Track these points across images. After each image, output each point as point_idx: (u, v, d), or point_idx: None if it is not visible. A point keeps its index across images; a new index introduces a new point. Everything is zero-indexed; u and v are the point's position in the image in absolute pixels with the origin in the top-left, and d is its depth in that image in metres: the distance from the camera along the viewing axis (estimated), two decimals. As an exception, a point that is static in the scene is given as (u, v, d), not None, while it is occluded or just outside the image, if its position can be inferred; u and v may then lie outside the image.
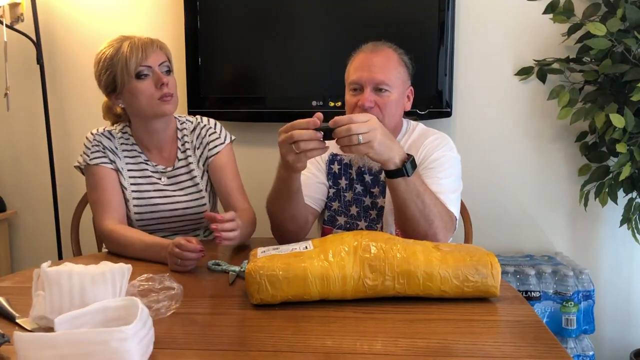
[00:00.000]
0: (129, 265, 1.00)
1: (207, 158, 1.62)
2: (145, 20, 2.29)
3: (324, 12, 2.13)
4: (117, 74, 1.49)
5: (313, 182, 1.54)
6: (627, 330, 2.23)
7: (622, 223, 1.97)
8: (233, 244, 1.35)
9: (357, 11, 2.11)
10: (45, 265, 0.94)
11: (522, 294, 1.90)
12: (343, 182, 1.57)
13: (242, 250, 1.46)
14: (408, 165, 1.24)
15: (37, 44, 2.21)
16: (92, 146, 1.56)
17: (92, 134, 1.59)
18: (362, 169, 1.55)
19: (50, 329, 0.83)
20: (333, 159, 1.58)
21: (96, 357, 0.74)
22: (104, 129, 1.61)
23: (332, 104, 2.13)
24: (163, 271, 1.12)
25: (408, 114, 1.63)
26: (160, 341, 0.88)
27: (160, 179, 1.60)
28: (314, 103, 2.13)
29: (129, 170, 1.58)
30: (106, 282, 0.94)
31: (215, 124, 1.67)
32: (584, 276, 1.99)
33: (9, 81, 2.23)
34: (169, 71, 1.54)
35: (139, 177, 1.59)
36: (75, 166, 1.60)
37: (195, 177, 1.62)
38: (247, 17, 2.15)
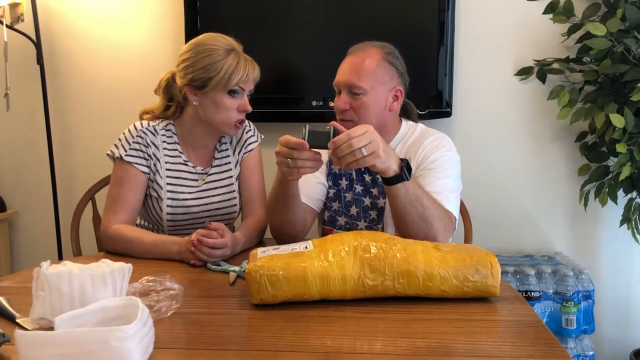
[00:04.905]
0: (130, 265, 1.00)
1: (242, 155, 1.64)
2: (145, 20, 2.29)
3: (324, 12, 2.13)
4: (214, 79, 1.45)
5: (312, 182, 1.54)
6: (627, 330, 2.23)
7: (622, 223, 1.98)
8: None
9: (357, 11, 2.11)
10: (45, 265, 0.93)
11: (522, 294, 1.90)
12: (343, 183, 1.57)
13: (242, 250, 1.46)
14: (406, 170, 1.24)
15: (37, 44, 2.21)
16: (133, 142, 1.52)
17: (135, 127, 1.54)
18: (362, 170, 1.55)
19: (50, 329, 0.83)
20: (333, 159, 1.58)
21: (96, 356, 0.74)
22: (148, 124, 1.56)
23: (332, 104, 2.12)
24: (164, 272, 1.12)
25: (408, 115, 1.62)
26: (161, 341, 0.89)
27: (196, 180, 1.59)
28: (313, 103, 2.13)
29: (167, 169, 1.56)
30: (106, 284, 0.94)
31: (249, 123, 1.67)
32: (583, 276, 1.99)
33: (9, 81, 2.23)
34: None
35: (176, 178, 1.57)
36: (107, 154, 1.55)
37: (232, 177, 1.62)
38: (247, 17, 2.15)
